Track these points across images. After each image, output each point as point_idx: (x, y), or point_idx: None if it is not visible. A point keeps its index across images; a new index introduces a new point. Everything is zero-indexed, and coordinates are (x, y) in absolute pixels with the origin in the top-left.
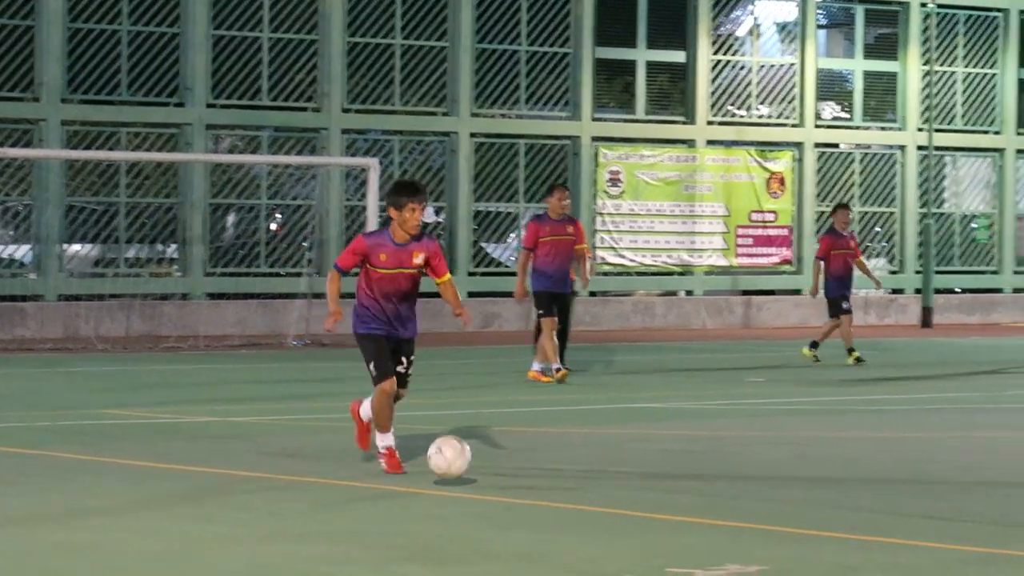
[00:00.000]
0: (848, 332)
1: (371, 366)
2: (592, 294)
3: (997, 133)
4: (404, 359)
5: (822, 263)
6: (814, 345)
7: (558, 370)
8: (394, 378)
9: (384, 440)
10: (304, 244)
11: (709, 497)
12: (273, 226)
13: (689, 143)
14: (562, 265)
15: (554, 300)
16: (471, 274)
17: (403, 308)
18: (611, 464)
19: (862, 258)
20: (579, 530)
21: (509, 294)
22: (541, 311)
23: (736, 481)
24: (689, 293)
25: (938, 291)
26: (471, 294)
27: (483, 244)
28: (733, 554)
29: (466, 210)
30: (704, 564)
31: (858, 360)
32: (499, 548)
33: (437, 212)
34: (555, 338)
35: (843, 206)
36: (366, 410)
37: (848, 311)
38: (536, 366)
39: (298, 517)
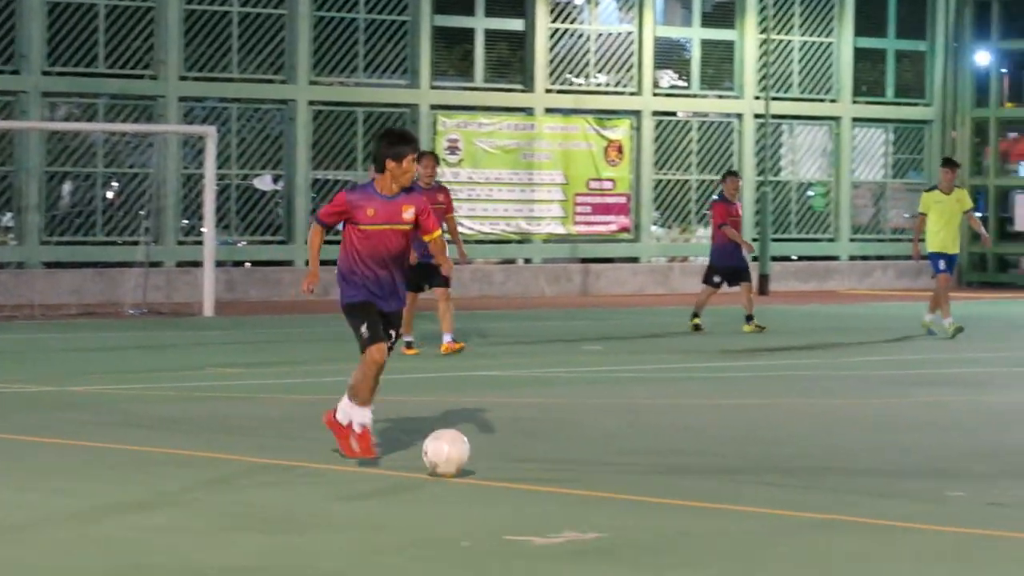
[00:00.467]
0: (705, 300)
1: (362, 328)
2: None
3: (833, 101)
4: (393, 332)
5: (726, 230)
6: (749, 319)
7: (409, 344)
8: (385, 345)
9: (361, 416)
10: (141, 212)
11: (547, 465)
12: (110, 194)
13: (527, 111)
14: None
15: (425, 269)
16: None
17: (394, 274)
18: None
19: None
20: (418, 499)
21: None
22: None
23: (574, 449)
24: (528, 261)
25: (775, 258)
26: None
27: None
28: (570, 521)
29: (304, 178)
30: (542, 531)
31: (696, 328)
32: (339, 517)
33: (275, 180)
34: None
35: (733, 173)
36: (344, 412)
37: (718, 285)
38: (446, 338)
39: (136, 486)
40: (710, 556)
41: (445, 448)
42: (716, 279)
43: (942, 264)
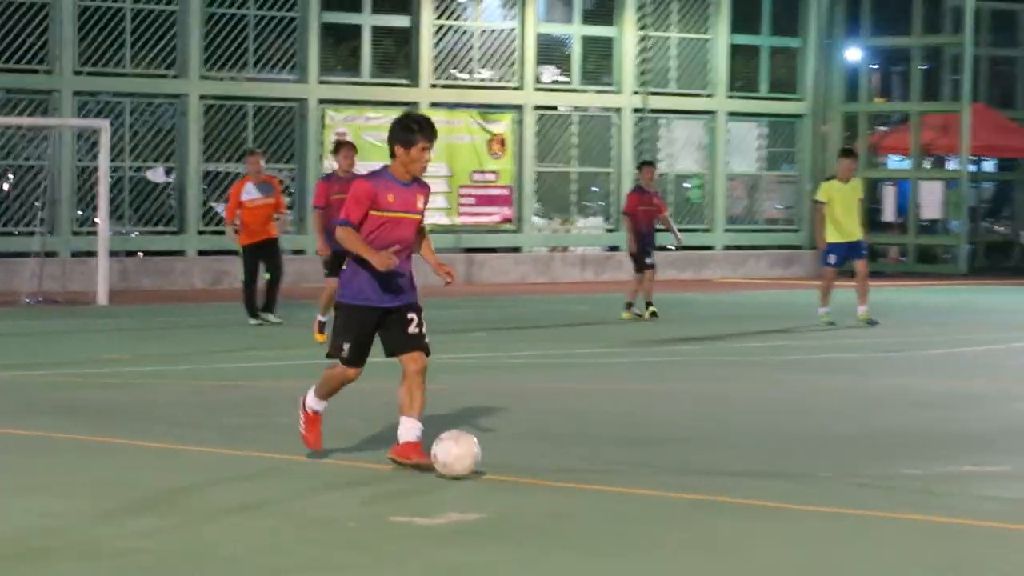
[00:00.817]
0: (650, 287)
1: (344, 346)
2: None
3: (709, 96)
4: (414, 316)
5: (630, 219)
6: (628, 306)
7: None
8: (360, 370)
9: (316, 404)
10: (36, 204)
11: (430, 447)
12: (5, 186)
13: (413, 105)
14: None
15: (341, 258)
16: (201, 232)
17: (406, 266)
18: (333, 417)
19: (667, 214)
20: (301, 480)
21: (236, 252)
22: (327, 270)
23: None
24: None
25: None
26: (201, 252)
27: (212, 204)
28: (453, 503)
29: (196, 170)
30: (425, 512)
31: (653, 314)
32: (223, 499)
33: (168, 172)
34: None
35: (649, 163)
36: (311, 401)
37: (651, 266)
38: (322, 317)
39: (31, 471)
40: (592, 537)
41: (453, 449)
42: (648, 260)
43: (832, 259)
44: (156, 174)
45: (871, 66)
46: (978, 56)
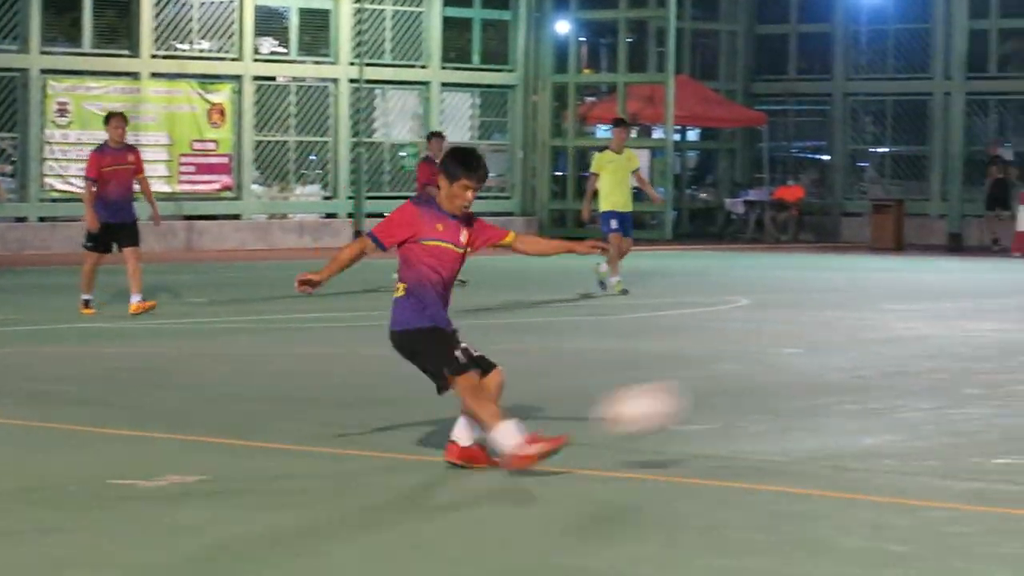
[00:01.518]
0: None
1: (456, 354)
2: (41, 219)
3: (423, 67)
4: (467, 344)
5: (429, 188)
6: None
7: (87, 303)
8: (477, 371)
9: (510, 434)
10: None
11: (153, 411)
12: None
13: (134, 75)
14: (123, 194)
15: (113, 230)
16: None
17: (447, 301)
18: (61, 382)
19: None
20: (27, 445)
21: None
22: (91, 243)
23: (180, 396)
24: None
25: (369, 215)
26: None
27: None
28: (175, 465)
29: None
30: (147, 475)
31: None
32: None
33: None
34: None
35: (438, 134)
36: (460, 432)
37: None
38: (135, 299)
39: None
40: (307, 496)
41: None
42: None
43: (613, 223)
44: None
45: (580, 38)
46: (681, 29)
